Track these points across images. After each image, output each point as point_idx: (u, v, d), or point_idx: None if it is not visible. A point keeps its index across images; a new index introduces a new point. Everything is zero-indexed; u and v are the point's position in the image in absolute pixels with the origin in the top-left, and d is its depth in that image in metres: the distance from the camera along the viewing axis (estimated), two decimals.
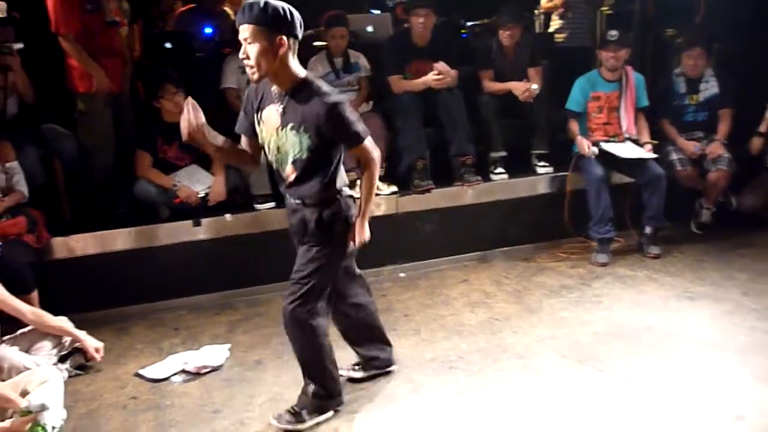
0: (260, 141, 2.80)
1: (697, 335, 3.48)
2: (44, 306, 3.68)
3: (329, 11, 5.01)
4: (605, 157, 4.66)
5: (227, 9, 5.75)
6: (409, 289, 4.39)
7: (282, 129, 2.68)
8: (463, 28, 6.17)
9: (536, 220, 4.97)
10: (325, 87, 2.65)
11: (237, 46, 4.86)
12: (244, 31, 2.54)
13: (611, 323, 3.70)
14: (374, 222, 4.55)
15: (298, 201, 2.82)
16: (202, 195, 4.36)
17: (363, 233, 2.85)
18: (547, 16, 6.20)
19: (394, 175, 4.77)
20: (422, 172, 4.71)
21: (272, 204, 4.52)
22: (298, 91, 2.64)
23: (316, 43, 5.27)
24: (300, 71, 2.65)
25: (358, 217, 2.83)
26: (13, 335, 3.37)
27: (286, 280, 4.40)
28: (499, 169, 4.94)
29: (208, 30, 5.42)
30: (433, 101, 4.79)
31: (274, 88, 2.69)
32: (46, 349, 3.41)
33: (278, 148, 2.73)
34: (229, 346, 3.65)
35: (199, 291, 4.37)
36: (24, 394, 2.84)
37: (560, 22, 6.00)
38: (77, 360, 3.53)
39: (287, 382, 3.29)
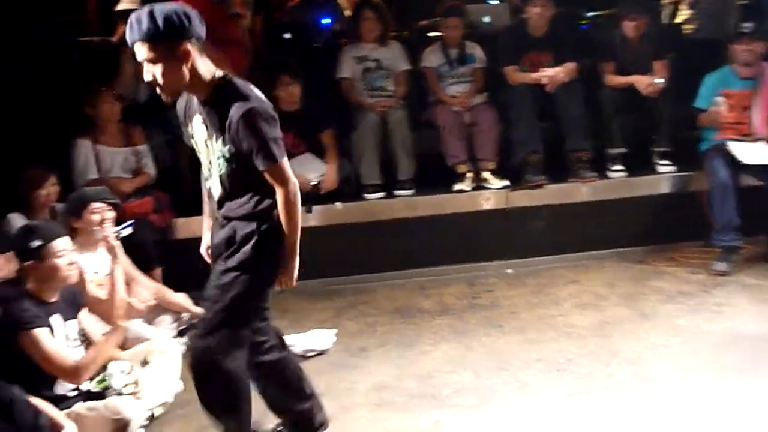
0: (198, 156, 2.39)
1: None
2: (167, 283, 3.90)
3: (446, 2, 4.99)
4: (734, 159, 4.36)
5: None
6: (516, 287, 4.31)
7: (209, 140, 2.29)
8: (584, 19, 5.95)
9: (654, 221, 4.73)
10: (245, 89, 2.23)
11: (354, 36, 5.00)
12: (140, 50, 2.13)
13: (733, 335, 3.47)
14: (483, 216, 4.61)
15: (224, 219, 2.38)
16: (314, 183, 4.46)
17: (288, 274, 2.34)
18: (675, 5, 5.86)
19: (506, 169, 4.68)
20: (535, 166, 4.61)
21: (382, 194, 4.58)
22: (219, 96, 2.23)
23: (431, 34, 5.27)
24: (213, 72, 2.24)
25: (285, 254, 2.32)
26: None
27: (393, 270, 4.54)
28: (617, 166, 4.74)
29: (325, 20, 5.52)
30: (550, 94, 4.66)
31: (195, 97, 2.31)
32: (166, 323, 3.62)
33: (210, 162, 2.33)
34: (335, 331, 3.73)
35: (307, 276, 4.42)
36: (144, 363, 3.04)
37: (689, 11, 5.65)
38: None
39: (390, 370, 3.32)
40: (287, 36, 5.68)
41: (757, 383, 2.98)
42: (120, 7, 4.71)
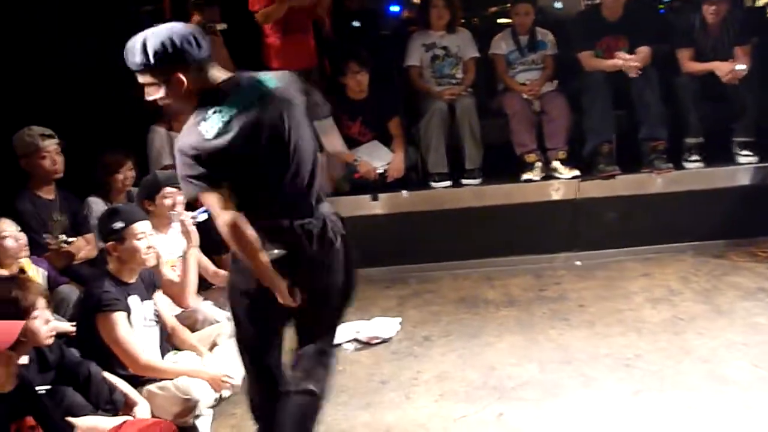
0: None
1: None
2: None
3: None
4: None
5: None
6: (585, 279, 4.21)
7: None
8: (661, 3, 5.74)
9: (733, 214, 4.52)
10: (198, 117, 2.01)
11: (423, 23, 4.97)
12: (140, 77, 2.07)
13: None
14: (551, 206, 4.52)
15: None
16: (380, 171, 4.48)
17: (279, 292, 2.09)
18: None
19: (577, 159, 4.57)
20: (607, 156, 4.48)
21: (448, 183, 4.55)
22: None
23: (500, 21, 5.19)
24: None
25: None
26: (207, 290, 3.69)
27: (459, 259, 4.51)
28: (694, 157, 4.56)
29: (394, 8, 5.51)
30: (625, 81, 4.52)
31: None
32: None
33: None
34: (400, 319, 3.74)
35: (372, 263, 4.49)
36: (213, 346, 3.13)
37: None
38: None
39: (454, 360, 3.31)
40: (356, 24, 5.70)
41: None
42: None
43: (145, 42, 1.99)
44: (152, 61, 1.99)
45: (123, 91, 4.54)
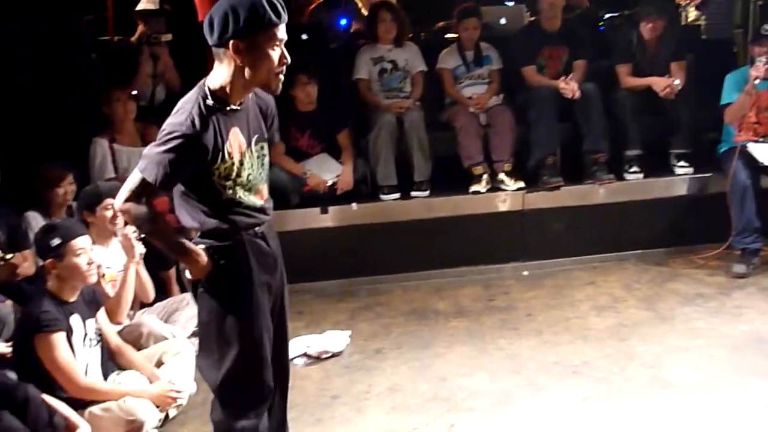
0: (219, 178, 2.06)
1: None
2: (181, 282, 3.91)
3: (462, 3, 4.97)
4: (753, 161, 4.31)
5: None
6: (533, 288, 4.28)
7: (249, 146, 2.12)
8: (601, 20, 5.91)
9: (672, 223, 4.69)
10: None
11: (371, 37, 4.99)
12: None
13: (753, 338, 3.43)
14: (498, 218, 4.59)
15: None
16: (330, 183, 4.46)
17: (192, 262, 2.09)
18: (684, 7, 5.79)
19: (522, 171, 4.66)
20: (552, 168, 4.59)
21: (397, 195, 4.57)
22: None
23: (447, 36, 5.26)
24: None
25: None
26: (151, 305, 3.61)
27: (409, 271, 4.53)
28: (634, 168, 4.70)
29: (342, 21, 5.52)
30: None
31: (233, 106, 2.06)
32: (180, 322, 3.62)
33: (249, 175, 2.12)
34: (350, 332, 3.72)
35: (323, 277, 4.49)
36: (159, 364, 3.05)
37: (697, 13, 5.58)
38: None
39: (405, 372, 3.31)
40: (304, 37, 5.69)
41: None
42: (140, 7, 4.75)
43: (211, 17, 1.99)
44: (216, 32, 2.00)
45: (63, 103, 4.47)
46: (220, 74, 2.03)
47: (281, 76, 2.04)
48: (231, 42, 1.93)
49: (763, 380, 3.01)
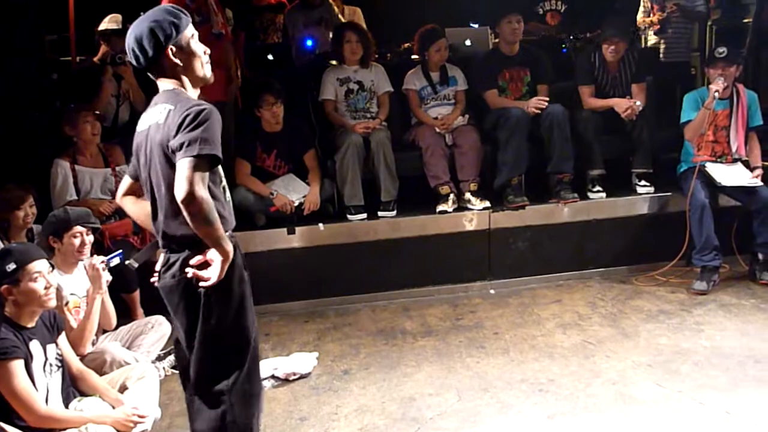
0: (214, 173, 2.18)
1: None
2: (145, 305, 3.86)
3: (426, 25, 5.04)
4: (711, 180, 4.43)
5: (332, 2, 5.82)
6: (499, 307, 4.31)
7: None
8: (564, 43, 6.05)
9: (635, 241, 4.78)
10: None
11: (337, 58, 5.02)
12: None
13: (713, 353, 3.50)
14: (465, 237, 4.62)
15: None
16: (297, 204, 4.46)
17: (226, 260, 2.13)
18: (644, 30, 5.96)
19: (488, 190, 4.71)
20: (517, 187, 4.65)
21: (364, 215, 4.57)
22: None
23: (413, 57, 5.32)
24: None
25: None
26: (115, 330, 3.54)
27: (376, 291, 4.53)
28: (597, 188, 4.79)
29: (308, 42, 5.55)
30: (535, 116, 4.71)
31: None
32: (145, 346, 3.57)
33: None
34: (317, 354, 3.70)
35: (290, 298, 4.46)
36: (122, 389, 2.98)
37: (656, 38, 5.76)
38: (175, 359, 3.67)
39: (373, 393, 3.29)
40: (270, 58, 5.71)
41: (739, 401, 3.00)
42: (102, 26, 4.72)
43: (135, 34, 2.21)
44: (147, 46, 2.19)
45: (23, 124, 4.40)
46: (177, 81, 2.23)
47: (209, 65, 2.28)
48: (168, 50, 2.16)
49: (724, 394, 3.07)
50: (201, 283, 2.12)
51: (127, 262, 2.67)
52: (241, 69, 5.28)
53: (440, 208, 4.61)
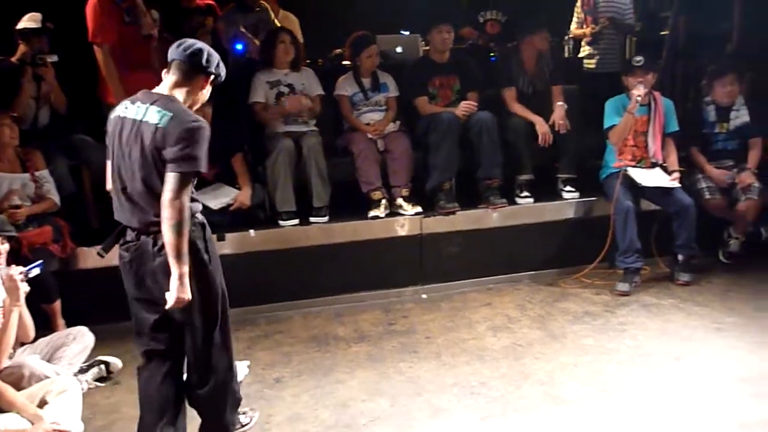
0: None
1: (725, 368, 3.39)
2: (66, 315, 3.71)
3: (357, 32, 5.05)
4: (633, 185, 4.61)
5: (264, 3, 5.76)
6: (431, 311, 4.35)
7: None
8: (492, 51, 6.17)
9: (561, 245, 4.91)
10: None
11: (267, 61, 4.94)
12: None
13: (636, 352, 3.63)
14: (398, 242, 4.64)
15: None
16: (222, 207, 4.36)
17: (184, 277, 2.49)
18: (577, 41, 6.17)
19: (420, 196, 4.75)
20: (448, 193, 4.70)
21: (296, 221, 4.53)
22: None
23: (345, 62, 5.31)
24: None
25: None
26: (33, 342, 3.38)
27: (309, 297, 4.49)
28: (525, 193, 4.91)
29: (239, 46, 5.47)
30: (465, 122, 4.79)
31: None
32: (67, 359, 3.42)
33: None
34: (248, 363, 3.64)
35: None
36: (42, 404, 2.85)
37: (589, 48, 5.98)
38: (99, 372, 3.54)
39: (306, 400, 3.26)
40: None
41: (660, 398, 3.12)
42: (20, 25, 4.51)
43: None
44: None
45: None
46: (185, 95, 2.59)
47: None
48: (209, 76, 2.60)
49: (647, 392, 3.19)
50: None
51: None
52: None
53: (372, 213, 4.62)
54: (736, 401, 3.08)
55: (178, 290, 2.41)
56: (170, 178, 2.39)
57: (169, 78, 2.59)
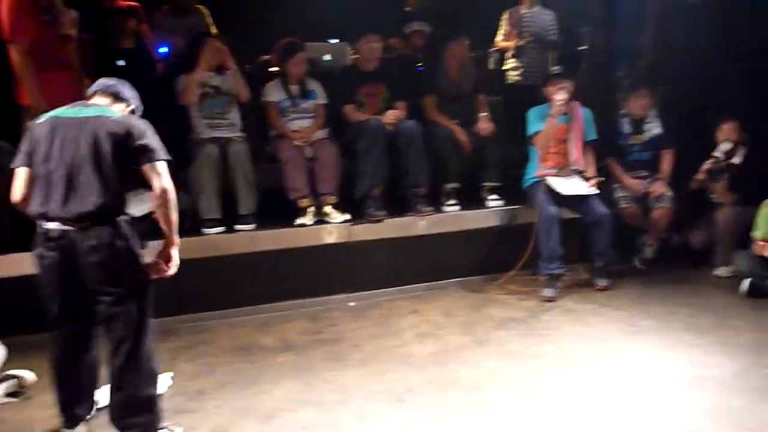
0: None
1: (642, 369, 3.52)
2: None
3: (286, 38, 5.02)
4: (555, 194, 4.74)
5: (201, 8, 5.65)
6: (358, 319, 4.34)
7: None
8: (419, 61, 6.24)
9: (487, 252, 5.01)
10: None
11: (193, 65, 4.84)
12: None
13: (559, 356, 3.72)
14: (325, 250, 4.62)
15: None
16: (141, 215, 4.22)
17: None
18: (501, 54, 6.33)
19: (348, 203, 4.74)
20: (376, 201, 4.72)
21: (221, 229, 4.45)
22: None
23: (273, 69, 5.27)
24: None
25: None
26: None
27: (234, 307, 4.40)
28: (451, 201, 4.98)
29: (163, 49, 5.35)
30: (392, 131, 4.82)
31: None
32: None
33: None
34: (171, 374, 3.53)
35: None
36: None
37: (514, 60, 6.15)
38: (10, 387, 3.36)
39: (230, 412, 3.18)
40: (121, 63, 5.42)
41: (582, 400, 3.21)
42: None
43: None
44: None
45: None
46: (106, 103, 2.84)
47: None
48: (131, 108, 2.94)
49: (570, 394, 3.27)
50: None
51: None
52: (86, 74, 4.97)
53: (300, 221, 4.58)
54: (653, 402, 3.20)
55: (176, 259, 2.89)
56: (159, 166, 2.69)
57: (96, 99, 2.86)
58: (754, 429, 2.93)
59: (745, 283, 4.54)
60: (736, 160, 4.99)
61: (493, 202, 5.08)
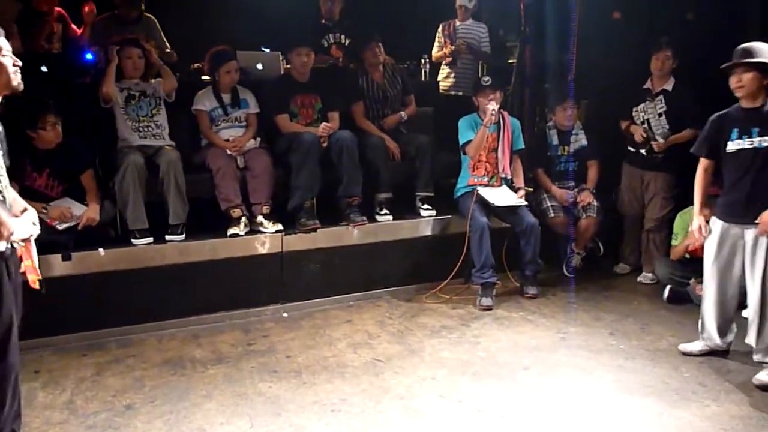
0: None
1: (569, 375, 3.64)
2: None
3: (217, 46, 4.96)
4: (485, 204, 4.84)
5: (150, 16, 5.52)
6: (291, 330, 4.31)
7: None
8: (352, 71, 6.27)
9: (419, 261, 5.06)
10: None
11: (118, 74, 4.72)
12: None
13: (489, 363, 3.79)
14: (257, 260, 4.57)
15: None
16: (70, 225, 4.10)
17: None
18: (434, 65, 6.44)
19: (280, 213, 4.71)
20: (309, 210, 4.70)
21: (150, 239, 4.34)
22: None
23: (204, 77, 5.19)
24: None
25: None
26: None
27: (164, 319, 4.30)
28: (384, 211, 5.02)
29: (88, 56, 5.19)
30: (326, 141, 4.82)
31: None
32: None
33: None
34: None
35: (65, 330, 4.08)
36: None
37: (448, 70, 6.27)
38: None
39: (159, 427, 3.11)
40: (44, 69, 5.23)
41: (511, 406, 3.28)
42: None
43: None
44: None
45: None
46: None
47: (18, 74, 2.59)
48: None
49: (500, 401, 3.34)
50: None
51: None
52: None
53: (232, 231, 4.52)
54: (579, 406, 3.30)
55: None
56: None
57: None
58: (676, 431, 3.07)
59: (666, 290, 4.75)
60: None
61: (426, 211, 5.14)
